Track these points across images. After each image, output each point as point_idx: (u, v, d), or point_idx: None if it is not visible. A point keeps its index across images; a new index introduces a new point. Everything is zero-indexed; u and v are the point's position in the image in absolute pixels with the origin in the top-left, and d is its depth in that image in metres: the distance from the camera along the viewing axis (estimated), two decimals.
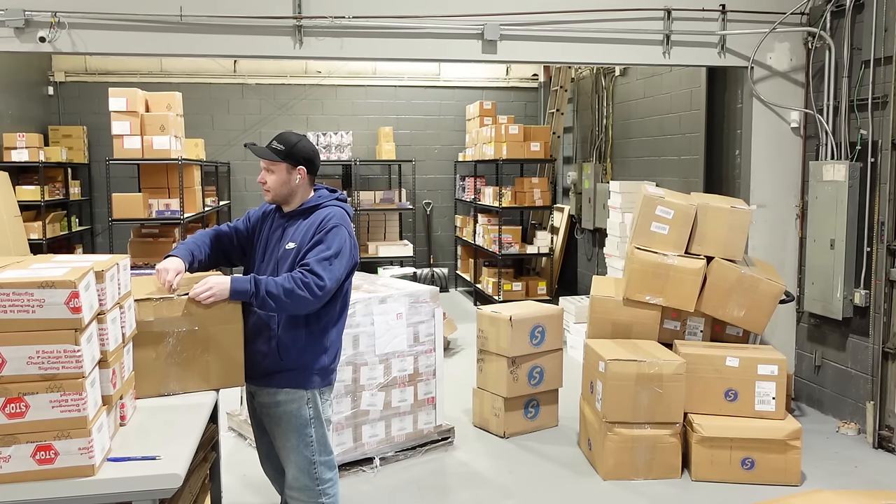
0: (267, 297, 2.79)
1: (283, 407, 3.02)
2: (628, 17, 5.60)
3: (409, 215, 10.77)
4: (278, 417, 3.04)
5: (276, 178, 3.04)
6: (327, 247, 2.92)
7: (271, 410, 3.05)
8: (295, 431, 3.04)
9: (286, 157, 3.02)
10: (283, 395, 3.01)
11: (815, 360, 5.68)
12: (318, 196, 3.12)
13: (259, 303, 2.82)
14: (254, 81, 10.28)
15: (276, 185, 3.05)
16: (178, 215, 7.41)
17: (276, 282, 2.82)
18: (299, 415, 3.02)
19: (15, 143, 8.18)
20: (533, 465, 4.71)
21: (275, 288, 2.80)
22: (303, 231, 3.02)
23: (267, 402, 3.06)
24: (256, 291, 2.79)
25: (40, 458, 2.05)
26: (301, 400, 3.02)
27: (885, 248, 4.93)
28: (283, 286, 2.81)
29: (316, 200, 3.10)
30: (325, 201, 3.09)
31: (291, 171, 3.04)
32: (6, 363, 2.01)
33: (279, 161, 3.02)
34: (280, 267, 3.00)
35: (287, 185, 3.05)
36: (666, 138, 7.64)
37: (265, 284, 2.80)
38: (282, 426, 3.05)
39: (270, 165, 3.04)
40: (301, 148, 3.05)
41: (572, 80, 9.94)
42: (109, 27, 5.06)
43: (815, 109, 5.64)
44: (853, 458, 4.79)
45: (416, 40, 5.43)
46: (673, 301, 4.76)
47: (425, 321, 4.72)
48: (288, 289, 2.80)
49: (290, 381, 3.00)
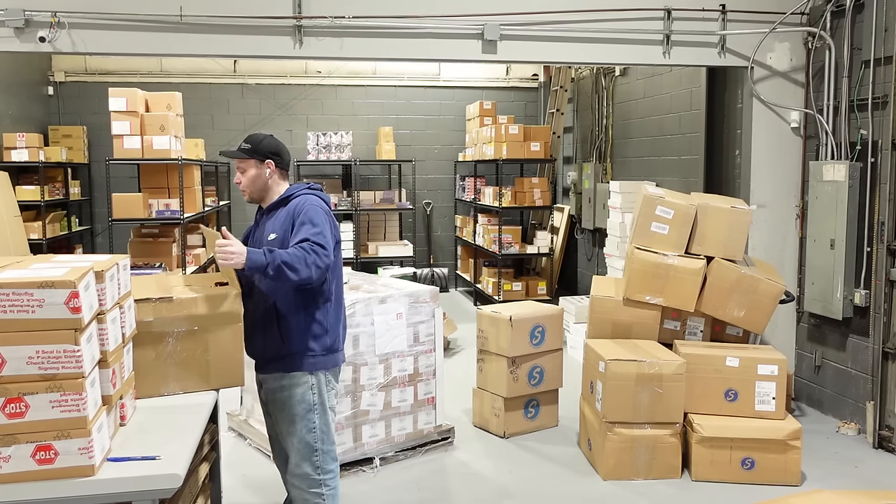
0: (282, 265, 2.86)
1: (287, 391, 3.12)
2: (628, 17, 5.60)
3: (409, 215, 10.77)
4: (283, 402, 3.14)
5: (247, 175, 3.21)
6: (312, 224, 3.02)
7: (277, 395, 3.15)
8: (299, 416, 3.12)
9: (253, 153, 3.18)
10: (287, 379, 3.12)
11: (815, 360, 5.68)
12: (291, 188, 3.25)
13: (274, 272, 2.87)
14: (254, 81, 10.28)
15: (248, 182, 3.22)
16: (178, 215, 7.41)
17: (288, 252, 2.91)
18: (304, 399, 3.12)
19: (15, 143, 8.18)
20: (533, 465, 4.71)
21: (287, 257, 2.89)
22: (281, 220, 3.13)
23: (273, 388, 3.16)
24: (272, 261, 2.86)
25: (40, 458, 2.05)
26: (306, 384, 3.11)
27: (885, 248, 4.93)
28: (294, 255, 2.91)
29: (289, 192, 3.22)
30: (297, 191, 3.21)
31: (260, 166, 3.19)
32: (6, 363, 2.01)
33: (247, 158, 3.19)
34: None
35: (259, 179, 3.20)
36: (666, 138, 7.64)
37: (278, 254, 2.89)
38: (286, 410, 3.14)
39: (241, 164, 3.22)
40: (266, 144, 3.22)
41: (572, 80, 9.94)
42: (109, 27, 5.06)
43: (815, 109, 5.64)
44: (853, 458, 4.79)
45: (416, 40, 5.44)
46: (673, 301, 4.76)
47: (425, 321, 4.72)
48: (300, 256, 2.90)
49: (295, 365, 3.10)
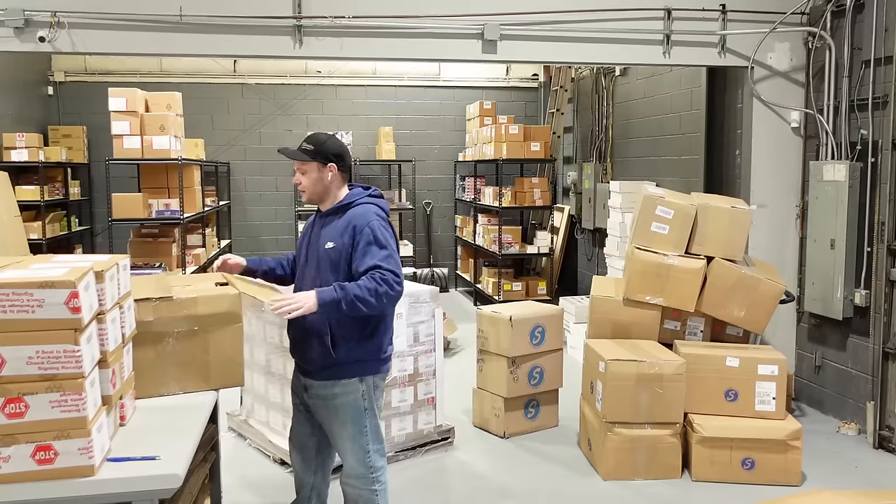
0: (355, 300, 2.89)
1: (340, 399, 3.12)
2: (628, 17, 5.60)
3: (409, 215, 10.76)
4: (335, 408, 3.13)
5: (308, 177, 3.15)
6: (380, 245, 3.02)
7: (329, 402, 3.14)
8: (351, 421, 3.13)
9: (316, 155, 3.11)
10: (340, 387, 3.11)
11: (815, 360, 5.67)
12: (351, 194, 3.20)
13: (349, 308, 2.90)
14: (254, 81, 10.28)
15: (309, 184, 3.15)
16: (177, 215, 7.41)
17: (359, 285, 2.92)
18: (356, 406, 3.13)
19: (15, 143, 8.18)
20: (533, 466, 4.70)
21: (360, 291, 2.90)
22: (339, 230, 3.09)
23: (324, 395, 3.14)
24: (345, 296, 2.88)
25: (40, 459, 2.04)
26: (357, 392, 3.12)
27: (886, 248, 4.92)
28: (366, 287, 2.92)
29: (349, 198, 3.18)
30: (358, 199, 3.17)
31: (322, 169, 3.13)
32: (6, 363, 2.01)
33: (310, 160, 3.12)
34: (321, 266, 3.09)
35: (320, 183, 3.15)
36: (666, 138, 7.64)
37: (350, 289, 2.90)
38: (339, 417, 3.14)
39: (302, 166, 3.15)
40: (330, 145, 3.15)
41: (572, 80, 9.93)
42: (109, 27, 5.06)
43: (815, 109, 5.64)
44: (853, 458, 4.79)
45: (416, 40, 5.43)
46: (673, 301, 4.76)
47: (425, 321, 4.72)
48: (371, 289, 2.92)
49: (346, 373, 3.10)
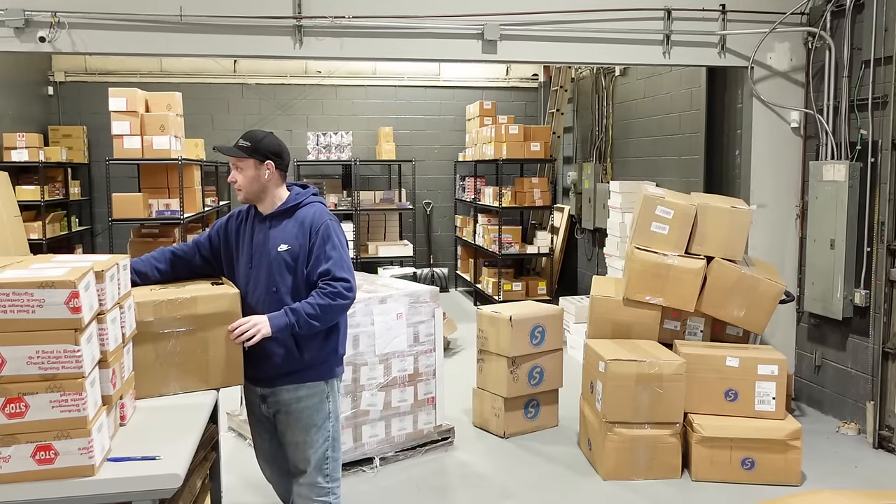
0: (308, 319, 2.89)
1: (304, 402, 3.05)
2: (628, 17, 5.60)
3: (409, 215, 10.76)
4: (299, 413, 3.06)
5: (245, 175, 3.02)
6: (332, 245, 2.98)
7: (291, 407, 3.06)
8: (316, 426, 3.07)
9: (253, 152, 3.00)
10: (304, 389, 3.05)
11: (815, 360, 5.67)
12: (295, 195, 3.11)
13: (304, 328, 2.90)
14: (254, 81, 10.28)
15: (245, 182, 3.02)
16: (177, 215, 7.41)
17: (310, 303, 2.91)
18: (320, 409, 3.08)
19: (15, 143, 8.18)
20: (533, 465, 4.70)
21: (311, 309, 2.89)
22: (293, 232, 3.02)
23: (286, 399, 3.06)
24: (297, 320, 2.88)
25: (40, 458, 2.04)
26: (322, 394, 3.08)
27: (886, 248, 4.93)
28: (318, 304, 2.91)
29: (295, 199, 3.09)
30: (305, 199, 3.10)
31: (259, 167, 3.01)
32: (6, 363, 2.00)
33: (246, 157, 3.00)
34: (273, 269, 3.00)
35: (257, 182, 3.03)
36: (666, 138, 7.64)
37: (302, 310, 2.89)
38: (302, 421, 3.07)
39: (238, 163, 3.03)
40: (268, 143, 3.04)
41: (572, 80, 9.93)
42: (109, 27, 5.06)
43: (815, 109, 5.64)
44: (853, 458, 4.79)
45: (416, 40, 5.43)
46: (673, 301, 4.76)
47: (425, 321, 4.72)
48: (323, 305, 2.91)
49: (311, 375, 3.06)
